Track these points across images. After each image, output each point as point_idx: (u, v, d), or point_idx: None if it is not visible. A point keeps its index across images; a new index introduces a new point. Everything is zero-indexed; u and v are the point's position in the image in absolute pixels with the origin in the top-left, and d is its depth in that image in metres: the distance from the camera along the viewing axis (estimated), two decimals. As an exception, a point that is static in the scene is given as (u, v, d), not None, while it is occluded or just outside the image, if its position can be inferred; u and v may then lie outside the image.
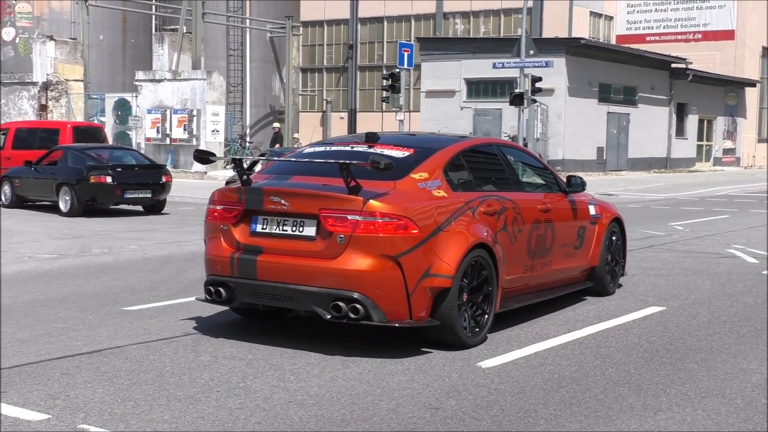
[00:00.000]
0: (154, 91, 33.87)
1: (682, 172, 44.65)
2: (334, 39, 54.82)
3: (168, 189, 19.34)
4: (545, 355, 6.76)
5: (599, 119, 40.74)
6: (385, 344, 6.99)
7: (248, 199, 7.02)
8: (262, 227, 6.99)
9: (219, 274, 7.12)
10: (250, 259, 6.92)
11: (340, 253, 6.58)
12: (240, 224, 7.07)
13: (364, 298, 6.53)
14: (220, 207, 7.19)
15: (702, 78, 47.32)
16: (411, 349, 6.83)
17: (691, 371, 6.37)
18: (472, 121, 39.87)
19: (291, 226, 6.86)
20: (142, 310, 8.32)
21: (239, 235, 7.05)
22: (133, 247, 13.11)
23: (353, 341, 7.07)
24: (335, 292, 6.59)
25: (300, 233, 6.81)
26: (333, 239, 6.61)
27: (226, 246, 7.10)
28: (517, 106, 29.74)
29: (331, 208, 6.64)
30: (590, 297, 9.32)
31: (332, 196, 6.68)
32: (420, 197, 6.92)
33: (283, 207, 6.83)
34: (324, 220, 6.65)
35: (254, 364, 6.39)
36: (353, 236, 6.54)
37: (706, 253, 13.01)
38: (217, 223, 7.19)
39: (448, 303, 6.80)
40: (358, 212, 6.55)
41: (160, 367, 6.27)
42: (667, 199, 25.60)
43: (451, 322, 6.82)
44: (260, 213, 6.99)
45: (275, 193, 6.88)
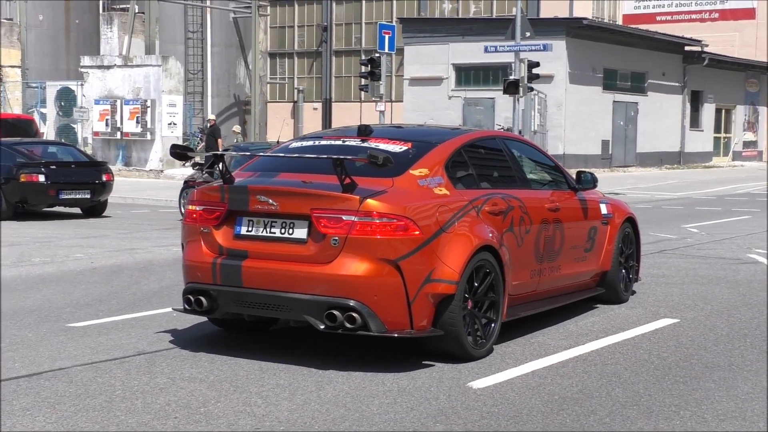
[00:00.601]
0: (103, 79, 33.73)
1: (698, 168, 44.93)
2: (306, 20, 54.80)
3: (109, 189, 19.37)
4: (544, 374, 6.77)
5: (604, 109, 40.92)
6: (365, 361, 6.99)
7: (232, 199, 7.09)
8: (248, 229, 7.07)
9: (199, 282, 7.18)
10: (234, 264, 6.99)
11: (334, 257, 6.68)
12: (223, 226, 7.14)
13: (361, 306, 6.63)
14: (200, 207, 7.25)
15: (719, 62, 47.61)
16: (393, 367, 6.84)
17: (708, 391, 6.40)
18: (462, 112, 39.96)
19: (279, 228, 6.96)
20: (89, 327, 8.27)
21: (222, 239, 7.12)
22: (79, 255, 13.05)
23: (328, 358, 7.06)
24: (329, 299, 6.68)
25: (290, 236, 6.91)
26: (326, 242, 6.71)
27: (207, 250, 7.16)
28: (511, 95, 29.82)
29: (324, 208, 6.73)
30: (601, 305, 9.36)
31: (325, 195, 6.77)
32: (420, 196, 7.03)
33: (271, 207, 6.91)
34: (316, 220, 6.75)
35: (216, 386, 6.37)
36: (349, 238, 6.65)
37: (724, 258, 13.09)
38: (196, 225, 7.24)
39: (451, 311, 6.90)
40: (353, 212, 6.66)
41: (110, 391, 6.23)
42: (681, 199, 25.75)
43: (456, 331, 6.93)
44: (245, 214, 7.07)
45: (262, 191, 6.94)
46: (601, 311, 9.18)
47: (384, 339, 7.03)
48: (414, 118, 39.52)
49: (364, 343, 7.55)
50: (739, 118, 52.03)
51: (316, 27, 54.14)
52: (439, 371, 6.81)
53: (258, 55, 41.12)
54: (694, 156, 47.51)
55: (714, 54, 47.01)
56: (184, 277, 7.43)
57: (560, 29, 38.11)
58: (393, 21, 45.84)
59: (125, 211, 21.01)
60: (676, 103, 46.11)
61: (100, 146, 33.81)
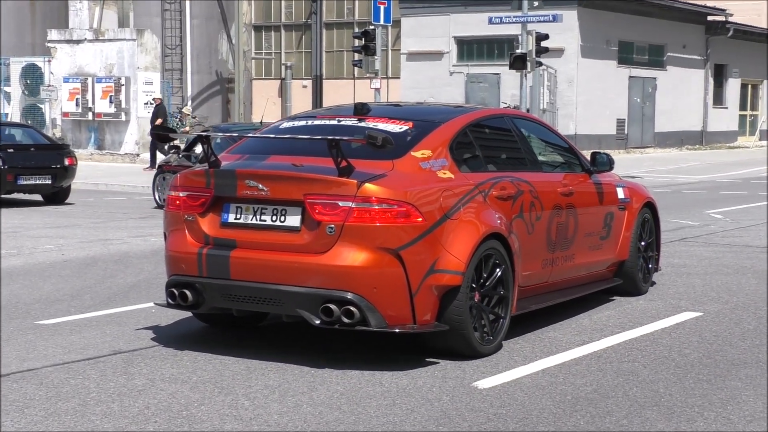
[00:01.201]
0: (72, 55, 33.66)
1: (722, 149, 44.97)
2: (293, -11, 54.68)
3: (72, 174, 19.45)
4: (555, 372, 6.80)
5: (619, 85, 40.92)
6: (362, 360, 7.01)
7: (218, 184, 7.09)
8: (236, 217, 7.09)
9: (184, 274, 7.19)
10: (221, 255, 7.02)
11: (330, 247, 6.70)
12: (208, 214, 7.16)
13: (360, 299, 6.65)
14: (183, 194, 7.26)
15: (745, 33, 47.60)
16: (393, 366, 6.86)
17: (734, 390, 6.42)
18: (464, 89, 39.94)
19: (270, 215, 6.97)
20: (61, 324, 8.28)
21: (208, 227, 7.14)
22: (49, 246, 13.05)
23: (321, 356, 7.08)
24: (325, 292, 6.70)
25: (281, 223, 6.92)
26: (322, 230, 6.72)
27: (192, 240, 7.19)
28: (518, 71, 29.78)
29: (319, 193, 6.74)
30: (618, 297, 9.38)
31: (320, 179, 6.77)
32: (423, 179, 7.04)
33: (261, 192, 6.91)
34: (310, 207, 6.75)
35: (200, 387, 6.38)
36: (345, 226, 6.66)
37: (750, 246, 13.12)
38: (180, 213, 7.26)
39: (457, 304, 6.94)
40: (351, 198, 6.66)
41: (84, 393, 6.25)
42: (703, 182, 25.79)
43: (462, 326, 6.96)
44: (233, 200, 7.08)
45: (251, 175, 6.94)
46: (618, 304, 9.20)
47: (383, 335, 7.06)
48: (412, 96, 39.50)
49: (361, 340, 7.57)
50: (767, 95, 52.02)
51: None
52: (442, 370, 6.83)
53: (242, 28, 41.06)
54: (718, 136, 47.54)
55: (739, 24, 46.99)
56: (166, 270, 7.46)
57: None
58: (389, -10, 45.73)
59: (98, 198, 21.01)
60: (698, 79, 46.11)
61: (70, 128, 33.77)
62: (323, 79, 53.48)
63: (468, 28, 39.54)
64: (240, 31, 40.54)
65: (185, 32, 43.02)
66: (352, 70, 48.36)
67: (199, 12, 43.46)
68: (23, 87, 34.85)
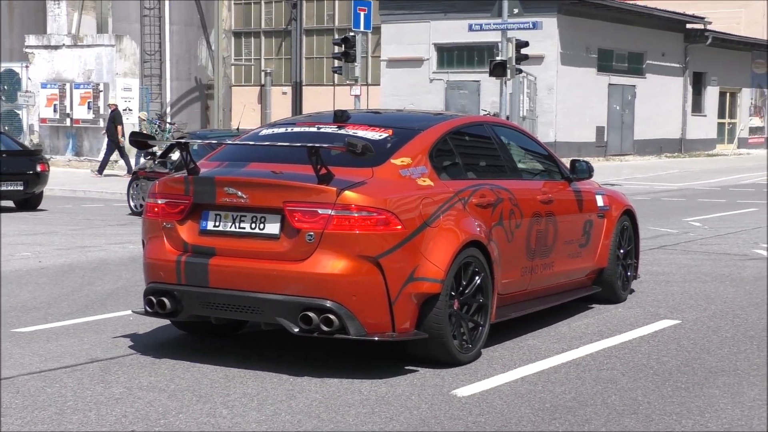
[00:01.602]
0: (50, 61, 33.54)
1: (700, 156, 45.20)
2: (273, -5, 54.66)
3: (44, 180, 19.45)
4: (534, 380, 6.81)
5: (599, 93, 41.08)
6: (340, 368, 7.01)
7: (197, 191, 7.11)
8: (214, 224, 7.11)
9: (162, 282, 7.20)
10: (200, 262, 7.03)
11: (309, 254, 6.72)
12: (187, 221, 7.17)
13: (339, 306, 6.67)
14: (162, 201, 7.27)
15: (724, 41, 47.88)
16: (371, 374, 6.86)
17: (712, 397, 6.45)
18: (444, 96, 40.00)
19: (249, 223, 6.99)
20: (38, 332, 8.25)
21: (186, 235, 7.15)
22: (26, 254, 12.99)
23: (299, 364, 7.07)
24: (304, 300, 6.71)
25: (260, 231, 6.95)
26: (301, 238, 6.75)
27: (170, 248, 7.20)
28: (498, 78, 29.86)
29: (299, 201, 6.77)
30: (597, 305, 9.42)
31: (299, 186, 6.81)
32: (402, 187, 7.09)
33: (240, 200, 6.93)
34: (289, 214, 6.78)
35: (178, 395, 6.37)
36: (325, 234, 6.69)
37: (728, 254, 13.19)
38: (158, 220, 7.27)
39: (436, 312, 6.98)
40: (330, 205, 6.70)
41: (60, 402, 6.22)
42: (682, 190, 25.91)
43: (441, 334, 6.99)
44: (212, 207, 7.10)
45: (230, 183, 6.98)
46: (597, 312, 9.24)
47: (362, 343, 7.05)
48: (392, 102, 39.54)
49: (340, 348, 7.57)
50: (745, 102, 52.34)
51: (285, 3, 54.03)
52: (421, 378, 6.83)
53: (221, 34, 41.02)
54: (697, 143, 47.78)
55: (718, 32, 47.26)
56: (145, 277, 7.46)
57: (551, 6, 38.19)
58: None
59: (76, 205, 20.93)
60: (677, 86, 46.34)
61: (47, 134, 33.63)
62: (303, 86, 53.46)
63: (448, 35, 39.62)
64: (219, 37, 40.50)
65: (164, 38, 42.91)
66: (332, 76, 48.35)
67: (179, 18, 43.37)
68: (0, 93, 34.69)
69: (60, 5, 39.94)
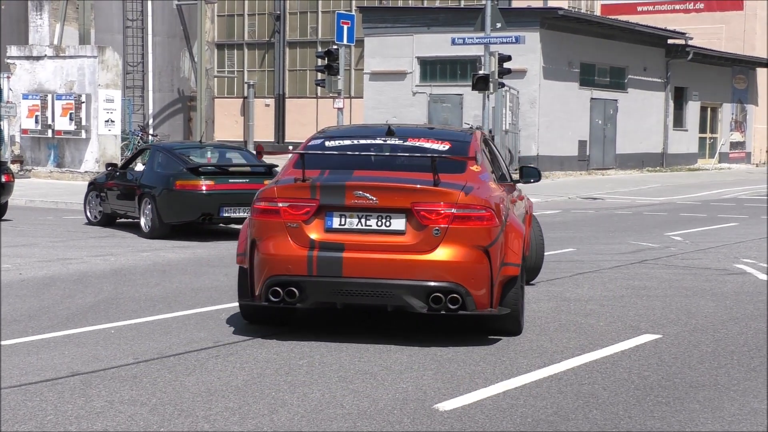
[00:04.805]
0: (32, 71, 33.43)
1: (681, 171, 45.40)
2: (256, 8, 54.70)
3: (9, 190, 19.48)
4: (516, 395, 6.83)
5: (581, 107, 41.25)
6: (321, 381, 7.00)
7: (325, 195, 8.26)
8: (340, 223, 8.27)
9: (290, 274, 8.20)
10: (333, 256, 8.16)
11: (436, 246, 8.11)
12: (313, 221, 8.27)
13: (462, 288, 8.08)
14: (284, 204, 8.31)
15: (705, 56, 48.15)
16: (353, 388, 6.86)
17: (693, 412, 6.48)
18: (427, 109, 40.08)
19: (375, 221, 8.23)
20: (18, 345, 8.22)
21: (314, 233, 8.25)
22: (6, 266, 12.93)
23: (280, 378, 7.07)
24: (433, 284, 8.07)
25: (387, 227, 8.22)
26: (428, 232, 8.12)
27: (296, 244, 8.24)
28: (481, 91, 29.96)
29: (426, 201, 8.17)
30: (572, 324, 9.44)
31: (427, 190, 8.22)
32: (489, 189, 8.61)
33: (370, 202, 8.18)
34: (417, 213, 8.14)
35: (159, 409, 6.35)
36: (450, 228, 8.11)
37: (709, 269, 13.25)
38: (280, 221, 8.29)
39: (515, 291, 8.50)
40: (453, 205, 8.16)
41: (41, 416, 6.20)
42: (663, 204, 26.02)
43: (516, 310, 8.54)
44: (338, 209, 8.26)
45: (361, 187, 8.21)
46: (578, 326, 9.26)
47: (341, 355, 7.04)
48: (375, 116, 39.58)
49: (319, 362, 7.57)
50: (726, 117, 52.63)
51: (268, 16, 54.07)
52: (403, 392, 6.85)
53: (204, 46, 40.99)
54: (678, 158, 48.00)
55: (699, 48, 47.53)
56: (261, 271, 8.29)
57: (534, 20, 38.36)
58: (352, 10, 45.91)
59: (57, 216, 20.84)
60: (659, 101, 46.57)
61: (29, 145, 33.49)
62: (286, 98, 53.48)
63: (431, 48, 39.72)
64: (202, 49, 40.47)
65: (147, 50, 42.87)
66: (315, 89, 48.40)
67: (162, 29, 43.34)
68: (-18, 103, 34.49)
69: (42, 16, 39.84)
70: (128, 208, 17.81)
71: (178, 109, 44.22)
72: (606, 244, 15.93)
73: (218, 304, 10.23)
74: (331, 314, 9.52)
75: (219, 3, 51.81)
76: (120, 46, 39.81)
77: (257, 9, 54.66)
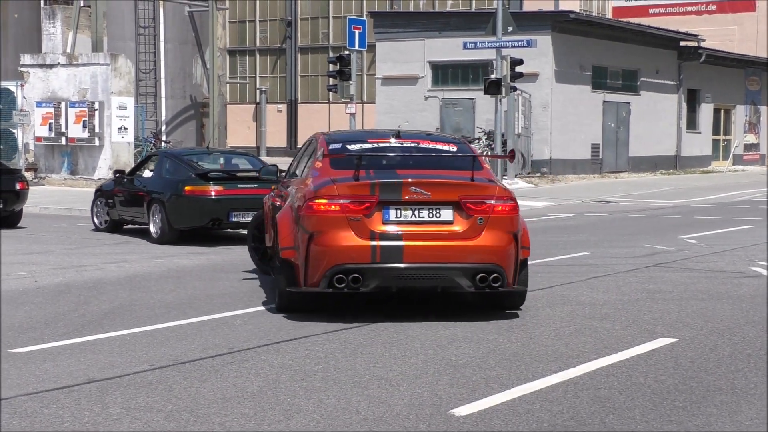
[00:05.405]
0: (45, 79, 33.57)
1: (695, 173, 45.27)
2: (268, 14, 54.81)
3: (24, 198, 19.61)
4: (532, 400, 6.81)
5: (593, 110, 41.17)
6: (336, 387, 7.00)
7: (384, 192, 9.39)
8: (396, 215, 9.42)
9: (353, 262, 9.26)
10: (395, 245, 9.31)
11: (480, 233, 9.44)
12: (373, 214, 9.36)
13: (501, 268, 9.43)
14: (345, 201, 9.38)
15: (717, 58, 48.02)
16: (368, 393, 6.86)
17: (710, 416, 6.46)
18: (439, 114, 40.07)
19: (427, 213, 9.45)
20: (34, 353, 8.24)
21: (374, 225, 9.35)
22: (22, 273, 12.97)
23: (295, 384, 7.07)
24: (479, 266, 9.39)
25: (437, 218, 9.46)
26: (473, 221, 9.46)
27: (359, 236, 9.30)
28: (493, 95, 29.98)
29: (472, 195, 9.52)
30: (587, 328, 9.42)
31: (472, 185, 9.64)
32: (503, 184, 10.18)
33: (423, 196, 9.39)
34: (465, 205, 9.46)
35: (175, 416, 6.36)
36: (490, 217, 9.47)
37: (725, 272, 13.20)
38: (341, 216, 9.33)
39: (525, 271, 9.98)
40: (494, 197, 9.56)
41: (58, 423, 6.21)
42: (677, 207, 25.94)
43: (526, 287, 10.02)
44: (395, 203, 9.41)
45: (416, 184, 9.42)
46: (593, 330, 9.24)
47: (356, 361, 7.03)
48: (387, 120, 39.57)
49: (334, 367, 7.57)
50: (740, 119, 52.47)
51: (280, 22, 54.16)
52: (419, 398, 6.83)
53: (216, 52, 41.07)
54: (692, 160, 47.88)
55: (711, 50, 47.40)
56: (320, 261, 9.28)
57: (545, 24, 38.32)
58: (363, 15, 45.99)
59: (71, 224, 20.90)
60: (671, 103, 46.46)
61: (43, 153, 33.62)
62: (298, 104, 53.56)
63: (443, 53, 39.72)
64: (214, 55, 40.55)
65: (159, 56, 42.99)
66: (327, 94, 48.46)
67: (174, 36, 43.46)
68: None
69: (55, 24, 40.00)
70: (136, 214, 17.91)
71: (191, 116, 44.32)
72: (620, 248, 15.89)
73: (233, 310, 10.24)
74: (345, 319, 9.53)
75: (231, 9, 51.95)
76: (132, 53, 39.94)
77: (269, 15, 54.76)
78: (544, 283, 11.82)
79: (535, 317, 9.80)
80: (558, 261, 14.15)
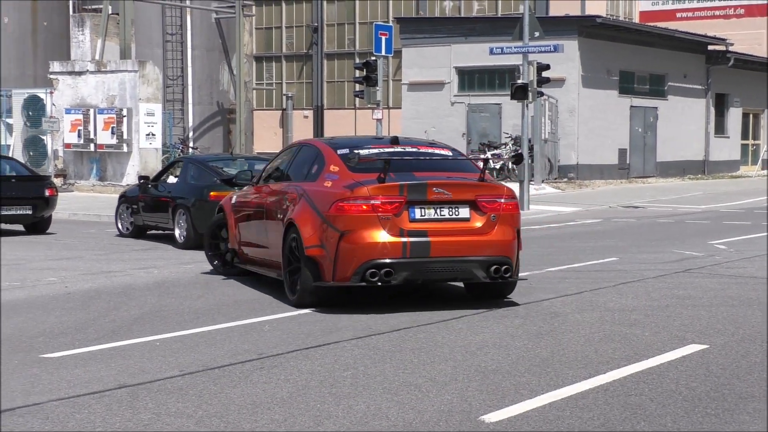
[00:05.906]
0: (74, 86, 33.80)
1: (724, 178, 45.01)
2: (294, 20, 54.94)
3: (53, 204, 19.82)
4: (562, 406, 6.79)
5: (621, 115, 41.02)
6: (365, 393, 7.00)
7: (411, 192, 10.16)
8: (421, 214, 10.23)
9: (385, 258, 10.03)
10: (423, 241, 10.14)
11: (492, 228, 10.40)
12: (402, 213, 10.13)
13: (510, 261, 10.47)
14: (376, 201, 10.09)
15: (746, 62, 47.73)
16: (397, 399, 6.85)
17: (743, 424, 6.41)
18: (466, 119, 40.04)
19: (448, 211, 10.30)
20: (65, 358, 8.28)
21: (403, 223, 10.12)
22: (52, 279, 13.05)
23: (326, 390, 7.07)
24: (493, 258, 10.35)
25: (456, 216, 10.34)
26: (487, 218, 10.38)
27: (390, 233, 10.08)
28: (519, 101, 29.87)
29: (486, 194, 10.46)
30: (616, 334, 9.38)
31: (486, 186, 10.62)
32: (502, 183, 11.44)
33: (446, 196, 10.25)
34: (480, 203, 10.39)
35: (205, 422, 6.37)
36: (501, 215, 10.45)
37: (755, 277, 13.10)
38: (373, 215, 10.07)
39: (518, 264, 10.89)
40: (504, 196, 10.55)
41: (89, 428, 6.24)
42: (706, 212, 25.80)
43: (516, 278, 10.91)
44: (420, 203, 10.21)
45: (439, 185, 10.27)
46: (623, 336, 9.19)
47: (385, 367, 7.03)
48: (413, 126, 39.57)
49: (363, 373, 7.57)
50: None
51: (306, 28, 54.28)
52: (449, 404, 6.82)
53: (243, 58, 41.22)
54: (720, 165, 47.60)
55: (740, 53, 47.15)
56: (352, 257, 10.00)
57: (572, 29, 38.23)
58: (389, 21, 46.01)
59: (99, 230, 21.02)
60: (700, 108, 46.22)
61: (72, 159, 33.85)
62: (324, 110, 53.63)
63: (469, 58, 39.68)
64: (241, 61, 40.69)
65: (186, 63, 43.22)
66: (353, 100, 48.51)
67: (201, 43, 43.67)
68: (25, 119, 34.89)
69: (84, 32, 40.27)
70: (160, 219, 18.03)
71: (218, 122, 44.51)
72: (649, 253, 15.81)
73: (261, 315, 10.26)
74: (373, 325, 9.53)
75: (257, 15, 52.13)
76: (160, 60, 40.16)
77: (295, 21, 54.88)
78: (573, 289, 11.78)
79: (564, 323, 9.77)
80: (586, 267, 14.09)
